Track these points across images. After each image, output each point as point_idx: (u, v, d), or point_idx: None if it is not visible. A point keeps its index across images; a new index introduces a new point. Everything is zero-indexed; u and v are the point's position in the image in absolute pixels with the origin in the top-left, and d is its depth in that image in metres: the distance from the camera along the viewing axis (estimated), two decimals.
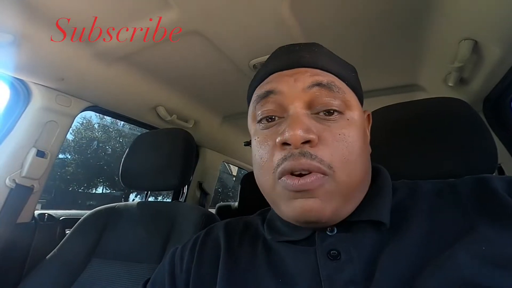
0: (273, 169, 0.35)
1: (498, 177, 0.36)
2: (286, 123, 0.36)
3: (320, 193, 0.33)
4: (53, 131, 1.00)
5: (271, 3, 0.71)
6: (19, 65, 0.83)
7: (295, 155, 0.33)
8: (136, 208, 0.96)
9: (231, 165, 2.52)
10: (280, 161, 0.34)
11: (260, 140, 0.38)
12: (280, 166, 0.34)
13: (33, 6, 0.69)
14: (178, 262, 0.45)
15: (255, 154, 0.39)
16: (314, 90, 0.36)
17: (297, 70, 0.39)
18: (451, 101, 0.59)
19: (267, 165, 0.36)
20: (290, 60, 0.40)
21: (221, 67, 1.02)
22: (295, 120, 0.35)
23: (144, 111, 1.24)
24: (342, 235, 0.36)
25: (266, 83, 0.40)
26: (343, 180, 0.34)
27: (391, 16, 0.76)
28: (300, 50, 0.42)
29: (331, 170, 0.33)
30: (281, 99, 0.37)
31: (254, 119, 0.41)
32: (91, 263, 0.86)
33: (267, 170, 0.36)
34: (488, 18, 0.67)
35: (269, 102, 0.38)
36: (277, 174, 0.35)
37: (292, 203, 0.34)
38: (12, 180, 0.90)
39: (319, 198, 0.33)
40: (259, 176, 0.39)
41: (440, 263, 0.29)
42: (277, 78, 0.39)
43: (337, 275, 0.32)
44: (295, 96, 0.37)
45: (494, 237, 0.30)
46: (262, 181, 0.38)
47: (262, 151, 0.37)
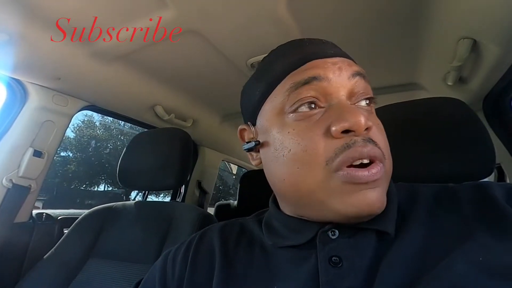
0: (326, 160, 0.32)
1: (498, 184, 0.36)
2: (335, 111, 0.33)
3: (381, 183, 0.33)
4: (50, 131, 0.99)
5: (267, 2, 0.70)
6: (15, 65, 0.82)
7: (359, 142, 0.32)
8: (134, 208, 0.96)
9: (231, 164, 2.51)
10: (339, 150, 0.32)
11: (300, 130, 0.35)
12: (341, 155, 0.32)
13: (28, 5, 0.68)
14: (170, 268, 0.44)
15: (290, 148, 0.35)
16: (356, 80, 0.36)
17: (338, 59, 0.37)
18: (449, 101, 0.59)
19: (316, 158, 0.33)
20: (326, 49, 0.38)
21: (219, 66, 1.01)
22: (350, 107, 0.33)
23: (142, 110, 1.24)
24: (344, 240, 0.34)
25: (306, 70, 0.36)
26: (388, 168, 0.35)
27: (389, 14, 0.75)
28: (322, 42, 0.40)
29: (384, 158, 0.34)
30: (328, 87, 0.35)
31: (281, 112, 0.37)
32: (89, 263, 0.86)
33: (316, 164, 0.33)
34: (486, 17, 0.66)
35: (311, 89, 0.35)
36: (335, 164, 0.32)
37: (355, 197, 0.32)
38: (9, 180, 0.90)
39: (380, 187, 0.33)
40: (298, 173, 0.34)
41: (438, 272, 0.28)
42: (320, 65, 0.36)
43: (337, 282, 0.31)
44: (340, 84, 0.35)
45: (492, 246, 0.29)
46: (307, 178, 0.34)
47: (306, 142, 0.34)
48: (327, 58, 0.37)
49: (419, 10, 0.73)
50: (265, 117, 0.40)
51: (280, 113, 0.37)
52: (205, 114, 1.44)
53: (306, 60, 0.37)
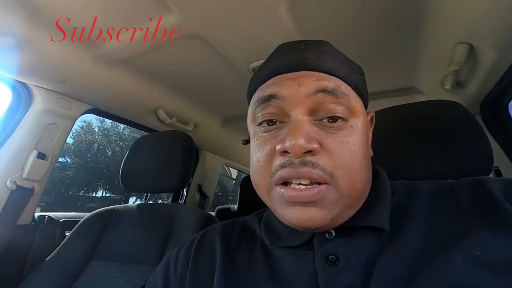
0: (270, 174, 0.35)
1: (495, 179, 0.36)
2: (287, 129, 0.34)
3: (321, 203, 0.33)
4: (54, 134, 1.00)
5: (269, 7, 0.72)
6: (21, 68, 0.84)
7: (295, 164, 0.33)
8: (136, 210, 0.96)
9: (230, 168, 2.51)
10: (278, 167, 0.34)
11: (259, 143, 0.37)
12: (278, 172, 0.34)
13: (35, 10, 0.70)
14: (172, 267, 0.44)
15: (252, 156, 0.38)
16: (318, 96, 0.34)
17: (301, 73, 0.37)
18: (447, 104, 0.60)
19: (264, 169, 0.35)
20: (294, 62, 0.38)
21: (221, 70, 1.03)
22: (297, 128, 0.33)
23: (144, 114, 1.25)
24: (341, 240, 0.35)
25: (268, 86, 0.38)
26: (345, 188, 0.33)
27: (388, 20, 0.77)
28: (305, 49, 0.39)
29: (333, 179, 0.32)
30: (283, 104, 0.35)
31: (254, 121, 0.39)
32: (91, 265, 0.86)
33: (264, 175, 0.36)
34: (483, 23, 0.68)
35: (270, 106, 0.36)
36: (274, 179, 0.34)
37: (289, 210, 0.34)
38: (13, 182, 0.91)
39: (320, 207, 0.33)
40: (255, 179, 0.38)
41: (436, 267, 0.29)
42: (280, 82, 0.37)
43: (336, 281, 0.32)
44: (298, 102, 0.35)
45: (490, 241, 0.29)
46: (258, 184, 0.38)
47: (260, 154, 0.36)
48: (289, 73, 0.37)
49: (417, 15, 0.74)
50: (249, 121, 0.42)
51: (253, 122, 0.40)
52: (207, 118, 1.45)
53: (270, 76, 0.39)
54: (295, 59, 0.38)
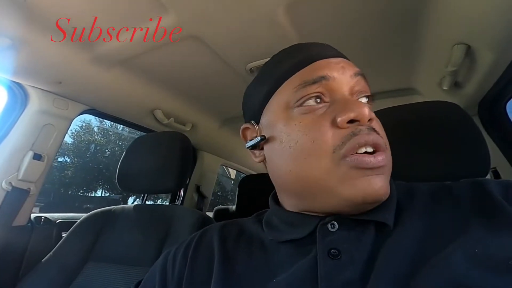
0: (334, 148, 0.34)
1: (494, 180, 0.37)
2: (340, 104, 0.36)
3: (385, 170, 0.35)
4: (50, 134, 1.00)
5: (266, 8, 0.72)
6: (16, 69, 0.83)
7: (364, 131, 0.34)
8: (133, 211, 0.96)
9: (229, 169, 2.51)
10: (346, 138, 0.34)
11: (308, 122, 0.37)
12: (348, 142, 0.34)
13: (31, 10, 0.70)
14: (170, 266, 0.44)
15: (297, 139, 0.37)
16: (357, 78, 0.39)
17: (339, 59, 0.41)
18: (444, 104, 0.60)
19: (324, 147, 0.35)
20: (328, 50, 0.42)
21: (218, 70, 1.02)
22: (355, 100, 0.37)
23: (141, 115, 1.25)
24: (344, 233, 0.35)
25: (313, 69, 0.39)
26: (390, 160, 0.36)
27: (385, 21, 0.77)
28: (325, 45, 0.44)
29: (386, 148, 0.36)
30: (332, 85, 0.38)
31: (287, 107, 0.39)
32: (87, 266, 0.86)
33: (326, 152, 0.35)
34: (480, 23, 0.68)
35: (320, 87, 0.38)
36: (343, 152, 0.34)
37: (362, 182, 0.33)
38: (9, 183, 0.91)
39: (385, 175, 0.35)
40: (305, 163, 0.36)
41: (434, 264, 0.29)
42: (326, 65, 0.39)
43: (336, 275, 0.32)
44: (344, 82, 0.38)
45: (488, 240, 0.30)
46: (313, 167, 0.35)
47: (314, 133, 0.36)
48: (330, 58, 0.41)
49: (414, 16, 0.74)
50: (271, 113, 0.42)
51: (286, 108, 0.39)
52: (204, 118, 1.45)
53: (312, 60, 0.40)
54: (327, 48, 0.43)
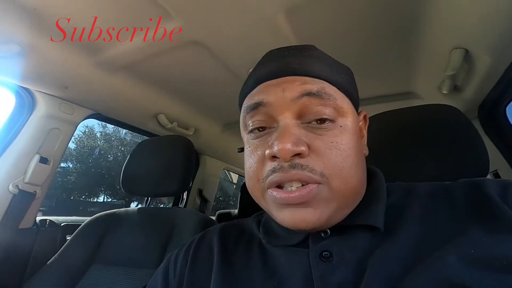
0: (262, 178, 0.36)
1: (492, 180, 0.37)
2: (275, 134, 0.35)
3: (314, 203, 0.33)
4: (56, 138, 1.02)
5: (268, 14, 0.74)
6: (25, 74, 0.85)
7: (285, 168, 0.33)
8: (137, 214, 0.97)
9: (232, 173, 2.52)
10: (269, 173, 0.35)
11: (251, 150, 0.38)
12: (269, 178, 0.35)
13: (39, 17, 0.72)
14: (172, 268, 0.45)
15: (246, 162, 0.40)
16: (304, 100, 0.35)
17: (285, 79, 0.38)
18: (443, 108, 0.61)
19: (256, 174, 0.37)
20: (278, 68, 0.39)
21: (221, 75, 1.04)
22: (284, 133, 0.34)
23: (145, 119, 1.26)
24: (335, 238, 0.36)
25: (255, 94, 0.39)
26: (337, 187, 0.34)
27: (384, 26, 0.79)
28: (288, 55, 0.40)
29: (324, 178, 0.33)
30: (270, 111, 0.37)
31: (245, 128, 0.41)
32: (91, 269, 0.87)
33: (256, 179, 0.37)
34: (477, 28, 0.69)
35: (258, 113, 0.38)
36: (266, 184, 0.35)
37: (283, 212, 0.35)
38: (15, 186, 0.92)
39: (313, 207, 0.33)
40: (249, 184, 0.39)
41: (428, 264, 0.29)
42: (265, 89, 0.38)
43: (329, 276, 0.32)
44: (284, 107, 0.36)
45: (483, 239, 0.30)
46: (252, 189, 0.39)
47: (252, 160, 0.38)
48: (273, 79, 0.38)
49: (413, 21, 0.76)
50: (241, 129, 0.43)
51: (245, 130, 0.41)
52: (207, 123, 1.47)
53: (256, 84, 0.40)
54: (279, 66, 0.39)
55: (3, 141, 0.93)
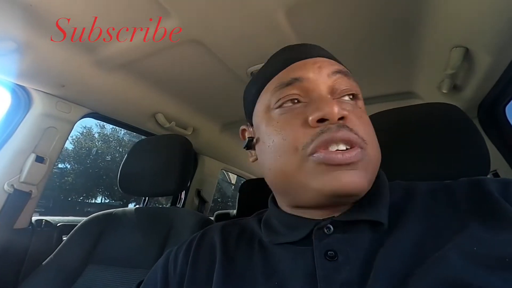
0: (303, 145, 0.35)
1: (493, 179, 0.37)
2: (314, 104, 0.37)
3: (360, 166, 0.34)
4: (53, 137, 1.01)
5: (267, 13, 0.73)
6: (21, 72, 0.84)
7: (333, 129, 0.34)
8: (134, 214, 0.96)
9: (230, 174, 2.51)
10: (314, 136, 0.35)
11: (282, 122, 0.38)
12: (316, 140, 0.34)
13: (36, 13, 0.71)
14: (172, 265, 0.45)
15: (273, 139, 0.39)
16: (337, 77, 0.39)
17: (318, 59, 0.41)
18: (444, 106, 0.61)
19: (293, 145, 0.36)
20: (308, 50, 0.43)
21: (219, 75, 1.03)
22: (327, 99, 0.37)
23: (143, 118, 1.26)
24: (339, 235, 0.36)
25: (288, 71, 0.41)
26: (373, 154, 0.37)
27: (384, 25, 0.78)
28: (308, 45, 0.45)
29: (365, 143, 0.35)
30: (307, 85, 0.39)
31: (268, 108, 0.41)
32: (88, 269, 0.85)
33: (294, 149, 0.36)
34: (477, 26, 0.69)
35: (294, 88, 0.39)
36: (310, 149, 0.35)
37: (330, 176, 0.34)
38: (11, 185, 0.91)
39: (358, 169, 0.34)
40: (281, 160, 0.38)
41: (431, 263, 0.29)
42: (301, 66, 0.40)
43: (334, 276, 0.32)
44: (320, 81, 0.39)
45: (486, 238, 0.30)
46: (286, 163, 0.37)
47: (286, 132, 0.37)
48: (308, 59, 0.41)
49: (412, 20, 0.76)
50: (257, 115, 0.44)
51: (267, 110, 0.41)
52: (205, 122, 1.46)
53: (289, 63, 0.42)
54: (308, 48, 0.44)
55: None
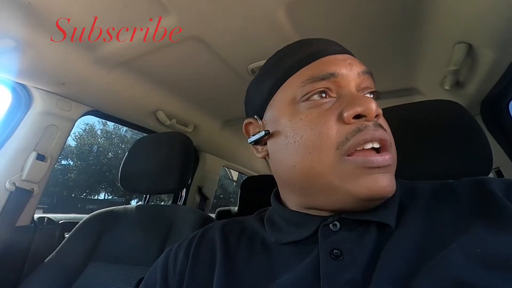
0: (338, 144, 0.34)
1: (497, 179, 0.36)
2: (347, 100, 0.36)
3: (391, 169, 0.35)
4: (54, 135, 1.01)
5: (267, 9, 0.73)
6: (21, 70, 0.84)
7: (370, 127, 0.34)
8: (135, 211, 0.96)
9: (231, 170, 2.52)
10: (351, 134, 0.34)
11: (313, 117, 0.36)
12: (352, 139, 0.33)
13: (34, 11, 0.71)
14: (172, 263, 0.44)
15: (302, 134, 0.37)
16: (364, 76, 0.39)
17: (346, 56, 0.41)
18: (446, 103, 0.60)
19: (328, 142, 0.34)
20: (337, 46, 0.43)
21: (220, 72, 1.03)
22: (362, 96, 0.36)
23: (144, 116, 1.25)
24: (346, 233, 0.35)
25: (321, 65, 0.39)
26: (395, 158, 0.36)
27: (386, 21, 0.77)
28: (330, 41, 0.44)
29: (391, 146, 0.36)
30: (340, 81, 0.38)
31: (293, 101, 0.39)
32: (89, 267, 0.86)
33: (328, 148, 0.34)
34: (481, 22, 0.68)
35: (326, 83, 0.38)
36: (346, 148, 0.33)
37: (369, 178, 0.33)
38: (12, 183, 0.91)
39: (391, 173, 0.35)
40: (309, 158, 0.36)
41: (434, 263, 0.29)
42: (333, 61, 0.39)
43: (338, 275, 0.32)
44: (352, 78, 0.38)
45: (489, 239, 0.29)
46: (317, 162, 0.35)
47: (319, 127, 0.35)
48: (336, 54, 0.41)
49: (415, 16, 0.75)
50: (276, 107, 0.41)
51: (292, 103, 0.39)
52: (206, 119, 1.46)
53: (319, 56, 0.40)
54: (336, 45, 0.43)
55: (0, 138, 0.92)
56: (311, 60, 0.40)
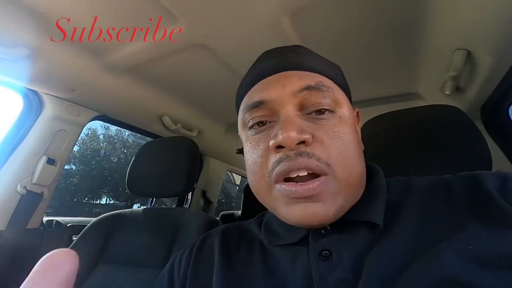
0: (268, 173, 0.35)
1: (491, 174, 0.36)
2: (277, 125, 0.35)
3: (324, 197, 0.33)
4: (63, 140, 1.03)
5: (272, 16, 0.75)
6: (33, 77, 0.87)
7: (291, 157, 0.33)
8: (142, 215, 0.98)
9: (234, 174, 2.53)
10: (275, 164, 0.34)
11: (253, 145, 0.38)
12: (275, 169, 0.34)
13: (48, 21, 0.73)
14: (176, 269, 0.46)
15: (247, 159, 0.39)
16: (304, 94, 0.36)
17: (284, 74, 0.39)
18: (446, 108, 0.61)
19: (261, 170, 0.36)
20: (276, 64, 0.40)
21: (225, 77, 1.05)
22: (287, 122, 0.34)
23: (150, 121, 1.28)
24: (335, 235, 0.36)
25: (255, 92, 0.40)
26: (343, 177, 0.34)
27: (387, 27, 0.79)
28: (284, 52, 0.42)
29: (330, 168, 0.33)
30: (272, 106, 0.37)
31: (245, 126, 0.40)
32: (97, 269, 0.87)
33: (261, 175, 0.36)
34: (479, 29, 0.70)
35: (260, 110, 0.38)
36: (273, 178, 0.34)
37: (292, 208, 0.34)
38: (23, 187, 0.93)
39: (322, 201, 0.33)
40: (253, 182, 0.38)
41: (426, 261, 0.29)
42: (266, 86, 0.39)
43: (329, 276, 0.32)
44: (285, 101, 0.36)
45: (482, 236, 0.29)
46: (256, 186, 0.38)
47: (255, 155, 0.37)
48: (272, 75, 0.40)
49: (415, 22, 0.76)
50: (240, 128, 0.43)
51: (244, 128, 0.41)
52: (210, 124, 1.48)
53: (255, 82, 0.41)
54: (277, 62, 0.41)
55: (12, 143, 0.95)
56: (249, 88, 0.41)
